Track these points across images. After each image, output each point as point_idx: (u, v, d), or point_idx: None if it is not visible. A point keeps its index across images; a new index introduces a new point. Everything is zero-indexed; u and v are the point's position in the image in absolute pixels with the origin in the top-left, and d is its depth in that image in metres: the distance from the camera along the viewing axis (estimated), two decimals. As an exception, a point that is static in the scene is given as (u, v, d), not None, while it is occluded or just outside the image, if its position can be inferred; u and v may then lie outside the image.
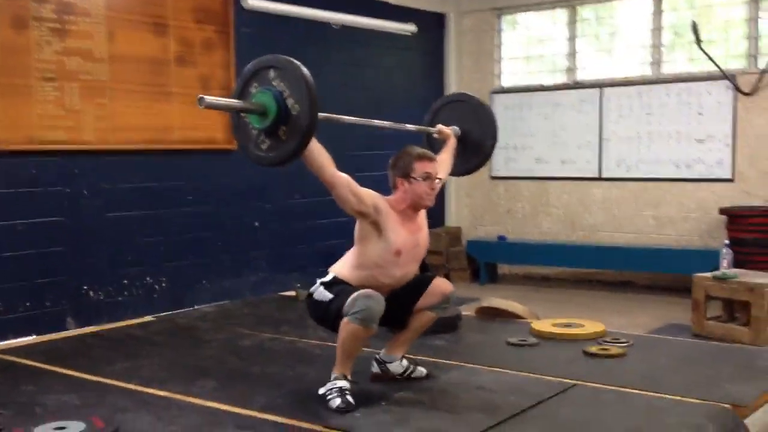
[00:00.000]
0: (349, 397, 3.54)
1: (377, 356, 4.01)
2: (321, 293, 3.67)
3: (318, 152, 3.47)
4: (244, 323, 5.50)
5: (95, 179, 5.84)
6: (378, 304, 3.47)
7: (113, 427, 3.21)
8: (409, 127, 4.46)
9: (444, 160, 4.22)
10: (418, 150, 3.81)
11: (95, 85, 5.76)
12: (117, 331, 5.34)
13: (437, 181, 3.77)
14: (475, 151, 4.54)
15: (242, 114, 3.48)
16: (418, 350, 4.31)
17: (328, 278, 3.71)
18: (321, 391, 3.63)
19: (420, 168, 3.72)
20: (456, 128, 4.48)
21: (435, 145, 4.39)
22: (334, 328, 3.58)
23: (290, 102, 3.33)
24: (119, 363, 4.44)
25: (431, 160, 3.79)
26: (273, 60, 3.43)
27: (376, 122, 4.27)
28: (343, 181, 3.54)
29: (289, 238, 7.24)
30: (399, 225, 3.69)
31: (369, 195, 3.63)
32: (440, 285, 3.87)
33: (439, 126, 4.45)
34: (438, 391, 3.82)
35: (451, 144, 4.39)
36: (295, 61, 3.38)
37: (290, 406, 3.63)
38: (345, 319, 3.48)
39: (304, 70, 3.34)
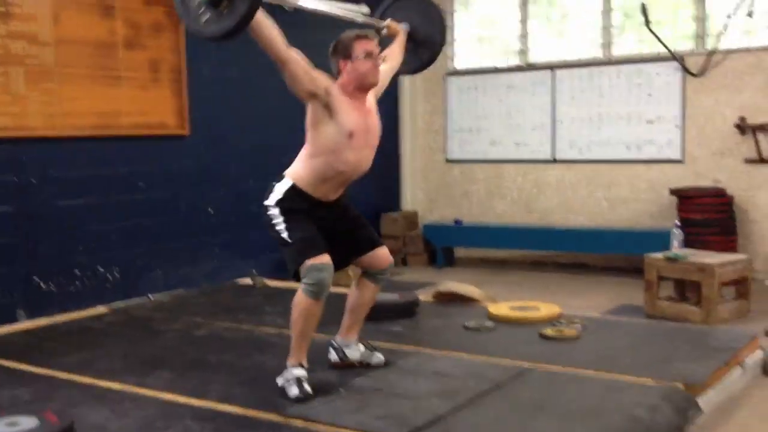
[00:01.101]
0: (307, 386, 3.54)
1: (333, 342, 4.01)
2: (274, 212, 3.65)
3: (267, 26, 3.40)
4: (199, 312, 5.45)
5: (43, 167, 5.69)
6: (328, 273, 3.53)
7: (67, 421, 3.14)
8: (358, 19, 4.33)
9: (394, 51, 4.24)
10: (356, 31, 3.80)
11: (41, 69, 5.61)
12: (69, 323, 5.25)
13: (380, 60, 3.80)
14: (425, 48, 4.49)
15: None
16: (375, 336, 4.32)
17: (283, 186, 3.68)
18: (279, 381, 3.62)
19: (359, 47, 3.70)
20: (405, 24, 4.43)
21: (384, 41, 4.28)
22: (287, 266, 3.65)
23: None
24: (72, 356, 4.37)
25: (370, 38, 3.78)
26: None
27: (324, 6, 4.14)
28: (296, 57, 3.50)
29: (245, 224, 7.15)
30: (350, 107, 3.67)
31: (321, 75, 3.60)
32: (386, 253, 3.93)
33: (389, 21, 4.40)
34: (396, 377, 3.83)
35: (401, 39, 4.36)
36: None
37: (247, 396, 3.62)
38: (298, 293, 3.54)
39: None
